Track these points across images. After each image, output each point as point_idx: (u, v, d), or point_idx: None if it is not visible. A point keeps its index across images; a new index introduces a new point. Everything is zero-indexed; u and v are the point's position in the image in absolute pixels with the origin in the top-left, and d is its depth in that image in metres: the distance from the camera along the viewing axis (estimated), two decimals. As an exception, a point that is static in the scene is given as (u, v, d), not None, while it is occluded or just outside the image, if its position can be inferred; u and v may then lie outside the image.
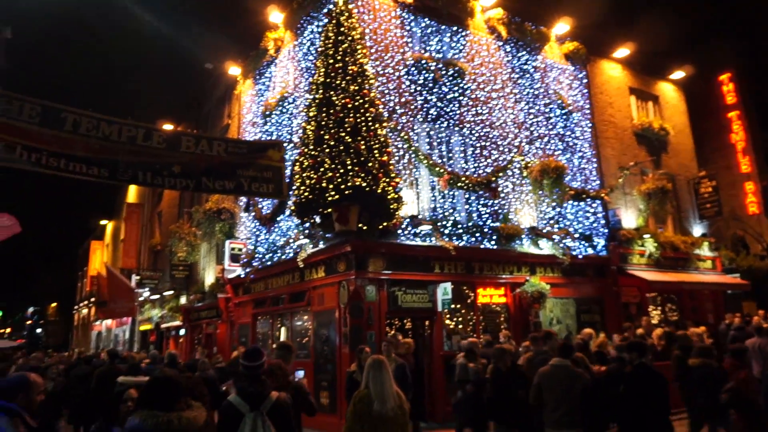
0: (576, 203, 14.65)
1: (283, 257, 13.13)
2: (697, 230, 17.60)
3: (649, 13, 18.05)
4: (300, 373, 10.24)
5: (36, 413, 3.57)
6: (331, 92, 10.60)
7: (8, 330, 73.78)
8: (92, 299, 34.37)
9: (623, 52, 17.09)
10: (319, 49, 11.41)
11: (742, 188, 20.42)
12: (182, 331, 20.17)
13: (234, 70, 17.34)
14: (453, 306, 11.70)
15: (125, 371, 7.09)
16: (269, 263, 13.78)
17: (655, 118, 18.11)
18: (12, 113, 7.05)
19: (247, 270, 14.69)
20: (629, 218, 15.63)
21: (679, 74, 18.78)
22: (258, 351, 4.19)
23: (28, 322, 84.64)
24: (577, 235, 14.26)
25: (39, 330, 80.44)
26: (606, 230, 15.06)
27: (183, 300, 20.09)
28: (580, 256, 13.96)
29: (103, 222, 40.16)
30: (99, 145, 8.76)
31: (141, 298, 23.69)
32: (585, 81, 16.41)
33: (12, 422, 3.24)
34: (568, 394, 5.23)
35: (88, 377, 8.79)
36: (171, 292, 21.25)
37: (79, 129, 8.56)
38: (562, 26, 15.64)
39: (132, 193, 31.85)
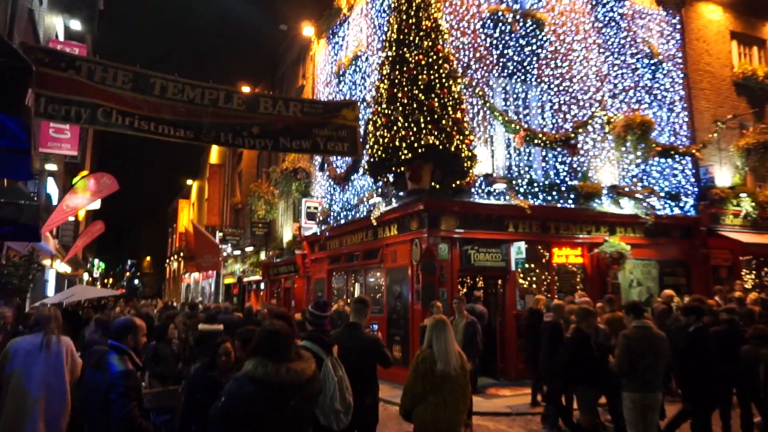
0: (663, 160, 13.77)
1: (357, 215, 13.40)
2: (803, 189, 16.07)
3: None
4: (374, 327, 10.61)
5: (140, 352, 3.97)
6: (404, 49, 10.46)
7: (111, 280, 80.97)
8: (181, 254, 36.88)
9: (724, -8, 15.51)
10: (392, 5, 11.22)
11: None
12: (262, 285, 21.29)
13: (308, 30, 17.44)
14: (527, 266, 11.52)
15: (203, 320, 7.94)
16: (343, 221, 14.13)
17: (760, 65, 16.42)
18: (107, 80, 7.51)
19: (323, 228, 15.14)
20: (724, 176, 14.52)
21: (790, 14, 16.80)
22: (327, 303, 4.40)
23: (127, 273, 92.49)
24: (662, 194, 13.47)
25: (136, 281, 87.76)
26: (696, 189, 14.10)
27: (263, 256, 21.12)
28: (665, 216, 13.21)
29: (189, 182, 42.51)
30: (184, 108, 9.21)
31: (225, 254, 25.13)
32: (679, 27, 15.09)
33: (121, 359, 3.62)
34: (654, 356, 5.10)
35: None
36: (251, 248, 22.36)
37: (166, 93, 9.02)
38: (653, -33, 14.38)
39: (214, 154, 33.38)
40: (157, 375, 6.41)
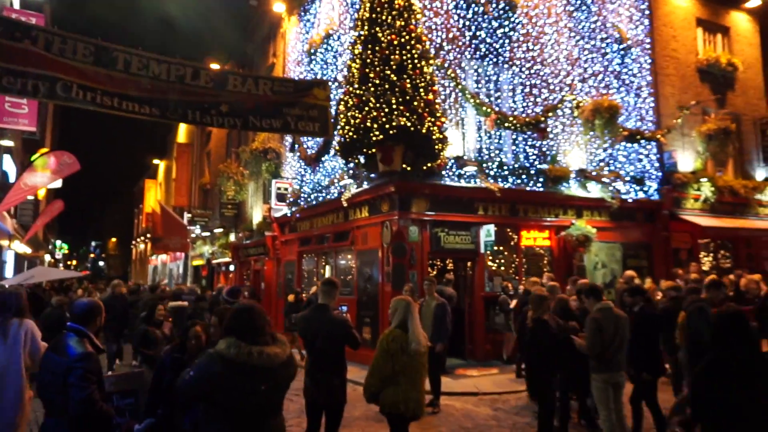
0: (629, 144, 14.04)
1: (328, 197, 13.31)
2: (761, 174, 16.64)
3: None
4: (344, 308, 10.62)
5: (98, 334, 3.87)
6: (377, 28, 10.32)
7: (74, 262, 78.92)
8: (148, 235, 36.13)
9: (692, -21, 15.76)
10: (364, -17, 11.02)
11: (814, 130, 19.01)
12: (231, 267, 21.06)
13: (279, 6, 17.04)
14: (496, 248, 11.67)
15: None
16: (314, 203, 14.02)
17: (723, 52, 16.81)
18: (67, 52, 7.21)
19: (293, 209, 15.00)
20: (686, 161, 14.91)
21: (754, 2, 17.15)
22: (239, 289, 4.40)
23: (91, 255, 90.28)
24: (628, 178, 13.76)
25: (101, 263, 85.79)
26: (660, 173, 14.45)
27: (232, 237, 20.85)
28: (630, 200, 13.52)
29: (156, 161, 41.52)
30: (149, 84, 8.93)
31: (193, 235, 24.71)
32: (647, 13, 15.29)
33: (80, 341, 3.52)
34: (620, 336, 5.24)
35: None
36: (221, 229, 22.04)
37: (130, 68, 8.72)
38: (624, -48, 14.48)
39: (182, 133, 32.60)
40: (148, 359, 6.29)
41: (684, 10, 16.21)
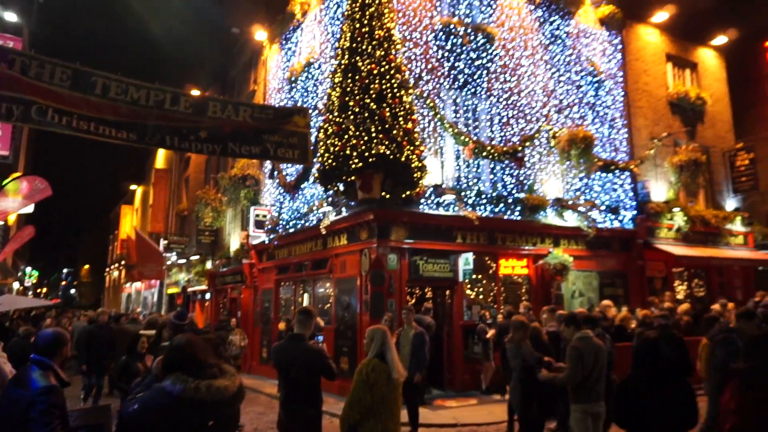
0: (604, 174, 14.33)
1: (307, 224, 13.23)
2: (730, 204, 17.10)
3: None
4: (319, 339, 10.44)
5: (63, 365, 3.71)
6: (357, 58, 10.45)
7: (44, 290, 76.68)
8: (122, 262, 35.39)
9: (662, 16, 16.38)
10: (346, 13, 11.21)
11: (780, 162, 19.67)
12: (207, 295, 20.67)
13: (260, 34, 17.21)
14: (474, 276, 11.69)
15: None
16: (292, 230, 13.92)
17: (692, 86, 17.43)
18: (44, 76, 7.14)
19: (271, 236, 14.86)
20: (659, 191, 15.25)
21: (720, 40, 17.93)
22: (185, 313, 4.34)
23: (63, 282, 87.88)
24: (603, 207, 14.00)
25: (73, 291, 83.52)
26: (634, 203, 14.74)
27: (209, 265, 20.53)
28: (605, 229, 13.72)
29: (133, 187, 40.98)
30: (128, 109, 8.87)
31: (169, 262, 24.28)
32: (620, 47, 15.83)
33: (44, 374, 3.38)
34: (599, 366, 5.19)
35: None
36: (197, 256, 21.70)
37: (109, 93, 8.66)
38: (597, -11, 15.04)
39: (160, 158, 32.33)
40: (126, 394, 6.05)
41: (654, 46, 16.81)
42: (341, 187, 11.06)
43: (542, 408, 5.99)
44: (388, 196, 10.48)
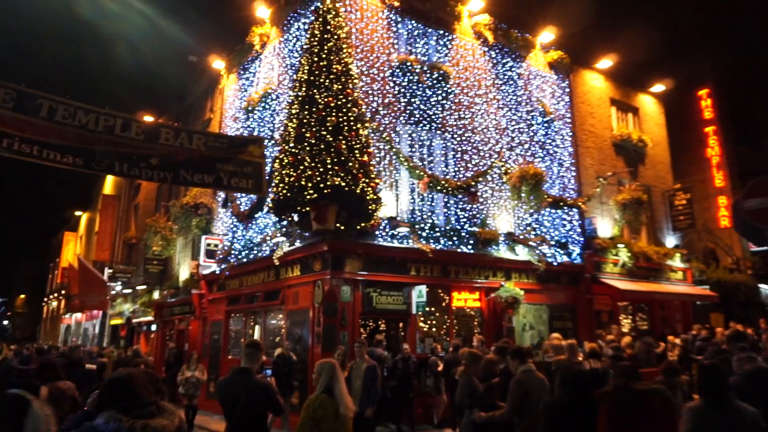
0: (553, 211, 14.81)
1: (259, 255, 13.02)
2: (670, 241, 17.93)
3: (631, 26, 18.34)
4: (267, 372, 10.15)
5: None
6: (314, 90, 10.56)
7: (-25, 320, 71.75)
8: (63, 291, 33.68)
9: (606, 63, 17.35)
10: (305, 47, 11.36)
11: (715, 202, 20.91)
12: (154, 327, 19.87)
13: (218, 64, 17.16)
14: (427, 309, 11.72)
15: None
16: (245, 260, 13.66)
17: (634, 129, 18.41)
18: (-17, 97, 6.88)
19: (223, 266, 14.52)
20: (605, 227, 15.86)
21: (659, 87, 19.14)
22: (29, 357, 4.18)
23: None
24: (553, 243, 14.41)
25: (6, 322, 78.49)
26: (581, 239, 15.24)
27: (156, 295, 19.81)
28: (555, 263, 14.10)
29: (77, 213, 39.38)
30: (75, 133, 8.62)
31: (113, 292, 23.28)
32: (567, 90, 16.61)
33: None
34: (544, 398, 5.24)
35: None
36: (144, 286, 20.92)
37: (55, 116, 8.41)
38: (547, 35, 15.82)
39: (109, 184, 31.31)
40: None
41: (599, 90, 17.73)
42: (295, 218, 10.99)
43: None
44: (342, 228, 10.47)
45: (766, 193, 5.79)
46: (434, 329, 12.08)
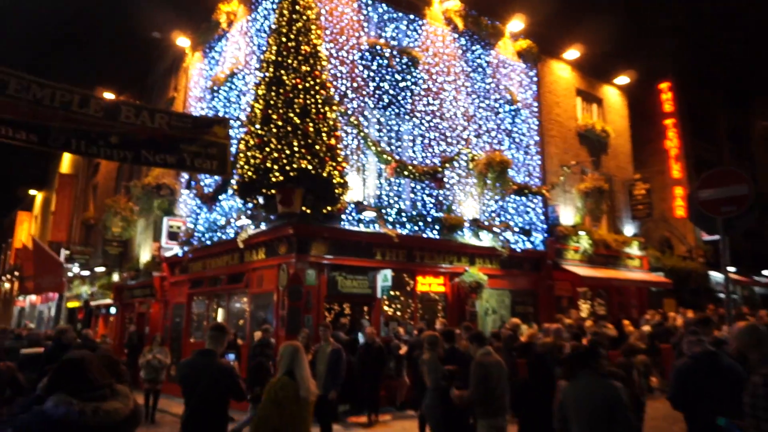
0: (518, 198, 15.05)
1: (223, 237, 12.84)
2: (629, 230, 18.50)
3: (598, 18, 18.64)
4: (231, 356, 10.07)
5: None
6: (282, 71, 10.39)
7: None
8: (16, 273, 32.52)
9: (573, 54, 17.60)
10: (273, 27, 11.14)
11: (671, 192, 21.66)
12: (113, 310, 19.44)
13: (183, 41, 16.65)
14: (392, 293, 11.81)
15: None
16: (208, 243, 13.45)
17: (598, 120, 18.80)
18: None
19: (185, 249, 14.27)
20: (567, 215, 16.22)
21: (623, 80, 19.55)
22: None
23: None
24: (516, 229, 14.66)
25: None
26: (544, 225, 15.56)
27: (115, 277, 19.35)
28: (518, 250, 14.37)
29: (32, 192, 37.94)
30: (29, 108, 8.29)
31: (70, 274, 22.63)
32: (535, 79, 16.81)
33: None
34: (503, 381, 5.38)
35: None
36: (103, 268, 20.40)
37: (7, 90, 8.06)
38: (516, 23, 15.92)
39: (66, 163, 30.23)
40: None
41: (566, 81, 18.00)
42: (261, 201, 10.86)
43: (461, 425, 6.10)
44: (308, 211, 10.41)
45: (719, 184, 6.02)
46: (399, 313, 12.19)
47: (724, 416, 3.94)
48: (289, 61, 10.42)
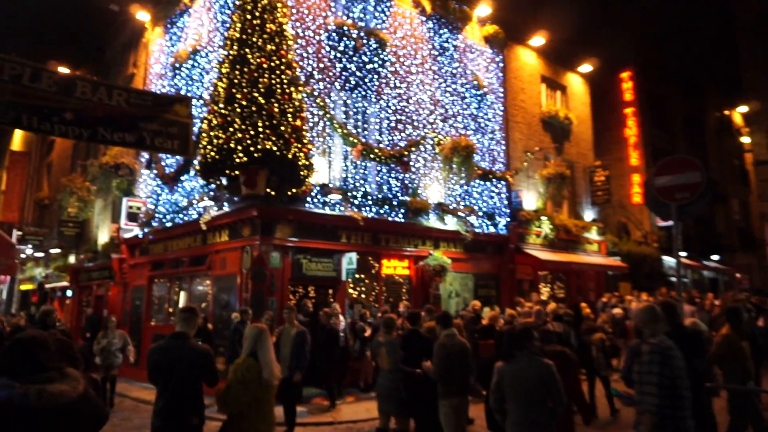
0: (482, 182, 15.23)
1: (186, 219, 12.58)
2: (588, 215, 19.00)
3: (563, 6, 18.86)
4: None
5: None
6: (247, 50, 10.15)
7: None
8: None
9: (538, 41, 17.77)
10: (237, 3, 10.83)
11: (630, 179, 22.30)
12: (69, 293, 18.89)
13: (142, 15, 16.04)
14: (357, 276, 11.84)
15: None
16: (170, 224, 13.16)
17: (561, 107, 19.12)
18: None
19: (146, 230, 13.93)
20: (530, 200, 16.53)
21: (586, 68, 19.87)
22: None
23: None
24: (481, 213, 14.86)
25: None
26: (508, 210, 15.82)
27: (72, 259, 18.77)
28: (482, 234, 14.59)
29: (-19, 169, 36.18)
30: (-26, 81, 7.89)
31: (23, 256, 21.83)
32: (501, 65, 16.92)
33: None
34: (462, 363, 5.48)
35: None
36: (58, 250, 19.75)
37: (-50, 61, 7.65)
38: (484, 8, 15.95)
39: (17, 140, 28.92)
40: None
41: (531, 67, 18.20)
42: (224, 182, 10.67)
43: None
44: (273, 193, 10.29)
45: (674, 171, 6.23)
46: (363, 296, 12.24)
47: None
48: (254, 40, 10.19)
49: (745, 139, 31.30)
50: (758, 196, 30.80)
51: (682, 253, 6.79)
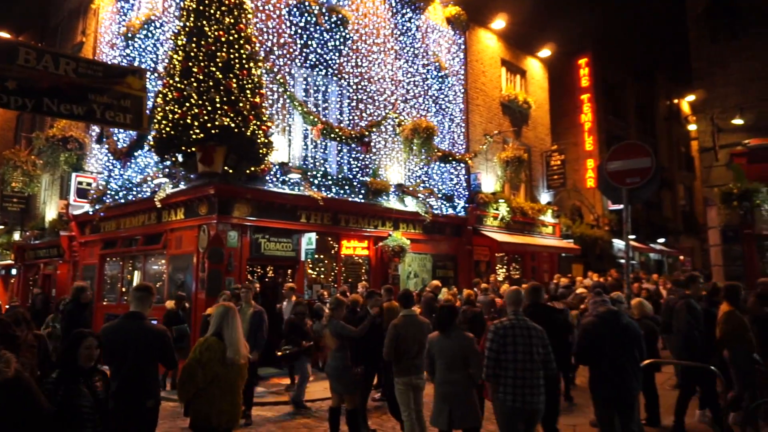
0: (442, 164, 15.36)
1: (139, 196, 12.20)
2: (544, 198, 19.48)
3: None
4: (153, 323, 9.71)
5: None
6: (204, 22, 9.81)
7: None
8: None
9: (499, 24, 17.88)
10: (193, -29, 10.41)
11: (584, 164, 22.97)
12: (14, 271, 18.12)
13: (91, -21, 15.24)
14: (317, 256, 11.81)
15: None
16: (122, 201, 12.74)
17: (521, 91, 19.39)
18: None
19: (97, 207, 13.44)
20: (488, 183, 16.79)
21: (545, 53, 20.18)
22: None
23: None
24: (440, 195, 15.02)
25: None
26: (467, 192, 16.04)
27: (17, 236, 17.97)
28: (441, 215, 14.76)
29: None
30: None
31: (-37, 232, 20.71)
32: (463, 47, 16.97)
33: None
34: (418, 341, 5.57)
35: None
36: (2, 226, 18.85)
37: None
38: (446, -11, 15.90)
39: (-45, 109, 27.23)
40: None
41: (492, 50, 18.33)
42: (180, 158, 10.36)
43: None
44: (231, 171, 10.07)
45: (625, 156, 6.46)
46: (323, 276, 12.24)
47: (622, 366, 4.77)
48: (212, 11, 9.85)
49: (692, 127, 32.61)
50: (702, 181, 32.26)
51: (631, 236, 7.05)
